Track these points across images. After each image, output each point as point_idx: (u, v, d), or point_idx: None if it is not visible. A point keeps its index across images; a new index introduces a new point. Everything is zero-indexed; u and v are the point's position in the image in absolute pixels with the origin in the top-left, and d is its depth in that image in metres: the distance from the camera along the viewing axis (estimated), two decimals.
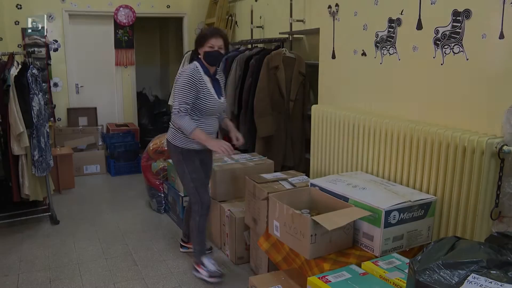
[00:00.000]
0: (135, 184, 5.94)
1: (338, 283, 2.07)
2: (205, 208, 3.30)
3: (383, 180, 2.98)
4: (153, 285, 3.33)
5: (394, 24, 3.14)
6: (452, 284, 1.46)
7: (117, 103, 7.35)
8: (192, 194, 3.29)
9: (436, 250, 1.65)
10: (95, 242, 4.09)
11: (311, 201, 2.96)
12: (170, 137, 3.27)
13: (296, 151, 4.58)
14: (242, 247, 3.62)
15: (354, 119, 3.34)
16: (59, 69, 6.75)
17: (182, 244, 3.84)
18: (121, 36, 7.13)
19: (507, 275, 1.44)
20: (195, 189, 3.25)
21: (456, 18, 2.67)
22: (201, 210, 3.29)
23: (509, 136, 2.34)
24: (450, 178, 2.61)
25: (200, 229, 3.32)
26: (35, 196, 4.33)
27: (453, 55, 2.72)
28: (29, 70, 4.10)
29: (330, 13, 3.80)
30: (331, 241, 2.52)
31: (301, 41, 4.91)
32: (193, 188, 3.26)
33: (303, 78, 4.47)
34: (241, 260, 3.63)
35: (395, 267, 2.19)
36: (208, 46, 3.14)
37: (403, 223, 2.52)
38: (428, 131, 2.73)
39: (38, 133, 4.16)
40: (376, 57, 3.34)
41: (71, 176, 5.70)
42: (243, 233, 3.58)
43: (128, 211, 4.90)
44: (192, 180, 3.24)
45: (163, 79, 9.61)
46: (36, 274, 3.48)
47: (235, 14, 6.52)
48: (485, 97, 2.56)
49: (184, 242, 3.83)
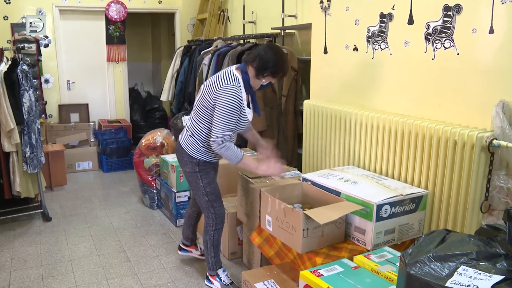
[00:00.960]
0: (127, 180, 5.93)
1: (330, 277, 2.08)
2: (220, 221, 3.10)
3: (375, 174, 2.99)
4: (146, 280, 3.33)
5: (385, 19, 3.15)
6: (442, 276, 1.47)
7: (109, 99, 7.32)
8: (206, 209, 3.06)
9: (427, 243, 1.66)
10: (87, 238, 4.08)
11: (303, 195, 2.97)
12: (187, 147, 2.95)
13: (288, 146, 4.58)
14: (235, 242, 3.63)
15: (346, 114, 3.35)
16: (50, 65, 6.70)
17: (182, 247, 3.63)
18: (112, 32, 7.09)
19: (496, 266, 1.45)
20: (209, 203, 3.04)
21: (447, 13, 2.68)
22: (216, 224, 3.08)
23: (499, 130, 2.36)
24: (441, 172, 2.63)
25: (215, 243, 3.12)
26: (26, 193, 4.31)
27: (444, 50, 2.74)
28: (19, 66, 4.07)
29: (322, 8, 3.80)
30: (323, 235, 2.53)
31: (293, 37, 4.91)
32: (207, 202, 3.03)
33: (295, 73, 4.48)
34: (234, 255, 3.64)
35: (386, 260, 2.21)
36: (269, 79, 2.84)
37: (395, 216, 2.54)
38: (419, 125, 2.74)
39: (29, 129, 4.14)
40: (368, 52, 3.34)
41: (63, 173, 5.68)
42: (236, 228, 3.59)
43: (120, 208, 4.89)
44: (207, 193, 3.01)
45: (155, 75, 9.58)
46: (28, 272, 3.47)
47: (227, 9, 6.51)
48: (475, 91, 2.58)
49: (185, 245, 3.62)
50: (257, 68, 2.76)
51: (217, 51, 5.07)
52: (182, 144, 3.00)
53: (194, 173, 2.98)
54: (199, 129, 2.90)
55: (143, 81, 9.41)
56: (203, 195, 3.02)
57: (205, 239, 3.13)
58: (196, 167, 2.96)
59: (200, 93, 2.92)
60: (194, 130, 2.94)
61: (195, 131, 2.93)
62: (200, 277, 3.36)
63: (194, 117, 2.95)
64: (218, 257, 3.19)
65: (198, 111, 2.90)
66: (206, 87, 2.86)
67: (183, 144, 2.99)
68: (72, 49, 6.90)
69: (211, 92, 2.80)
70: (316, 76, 3.99)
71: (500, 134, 2.36)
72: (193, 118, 2.96)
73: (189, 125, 2.99)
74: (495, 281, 1.38)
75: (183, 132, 3.06)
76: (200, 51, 5.53)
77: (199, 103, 2.89)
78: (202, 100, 2.87)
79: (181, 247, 3.62)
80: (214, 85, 2.80)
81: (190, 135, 2.97)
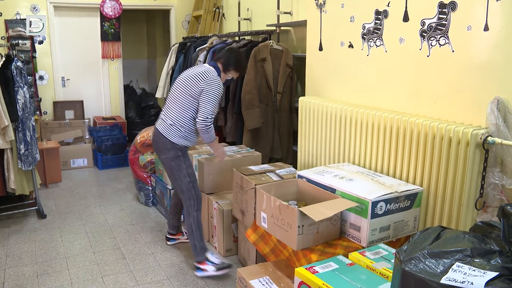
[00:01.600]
0: (122, 178, 5.92)
1: (325, 274, 2.09)
2: (200, 202, 3.35)
3: (370, 171, 2.99)
4: (141, 277, 3.32)
5: (381, 16, 3.15)
6: (437, 273, 1.48)
7: (104, 96, 7.29)
8: (187, 190, 3.29)
9: (421, 240, 1.67)
10: (82, 235, 4.07)
11: (299, 192, 2.97)
12: (169, 135, 3.22)
13: (283, 143, 4.58)
14: (230, 239, 3.63)
15: (341, 111, 3.35)
16: (45, 62, 6.67)
17: (169, 237, 3.85)
18: (107, 29, 7.06)
19: (490, 263, 1.46)
20: (191, 184, 3.29)
21: (442, 10, 2.68)
22: (197, 205, 3.32)
23: (494, 127, 2.37)
24: (436, 169, 2.64)
25: (198, 224, 3.32)
26: (21, 190, 4.29)
27: (439, 47, 2.74)
28: (13, 62, 4.04)
29: (317, 5, 3.79)
30: (318, 232, 2.54)
31: (289, 33, 4.91)
32: (189, 183, 3.28)
33: (290, 70, 4.47)
34: (229, 252, 3.64)
35: (381, 257, 2.21)
36: (237, 74, 3.43)
37: (390, 213, 2.54)
38: (414, 122, 2.75)
39: (23, 126, 4.12)
40: (363, 49, 3.34)
41: (58, 170, 5.66)
42: (231, 225, 3.59)
43: (115, 205, 4.88)
44: (188, 175, 3.28)
45: (150, 72, 9.55)
46: (23, 269, 3.46)
47: (222, 6, 6.49)
48: (470, 88, 2.59)
49: (171, 234, 3.84)
50: (224, 64, 3.33)
51: (212, 48, 5.06)
52: (163, 133, 3.26)
53: (177, 157, 3.26)
54: (183, 117, 3.23)
55: (138, 78, 9.38)
56: (185, 176, 3.28)
57: (189, 222, 3.32)
58: (179, 152, 3.27)
59: (179, 86, 3.27)
60: (175, 118, 3.24)
61: (178, 120, 3.23)
62: (217, 275, 3.35)
63: (175, 107, 3.26)
64: (203, 240, 3.36)
65: (181, 101, 3.23)
66: (187, 80, 3.24)
67: (165, 133, 3.25)
68: (67, 46, 6.87)
69: (196, 85, 3.19)
70: (311, 73, 3.99)
71: (495, 131, 2.37)
72: (174, 108, 3.26)
73: (168, 115, 3.28)
74: (489, 278, 1.39)
75: (161, 123, 3.32)
76: (195, 48, 5.51)
77: (183, 94, 3.23)
78: (185, 91, 3.22)
79: (169, 237, 3.84)
80: (197, 77, 3.21)
81: (170, 124, 3.25)
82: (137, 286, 3.22)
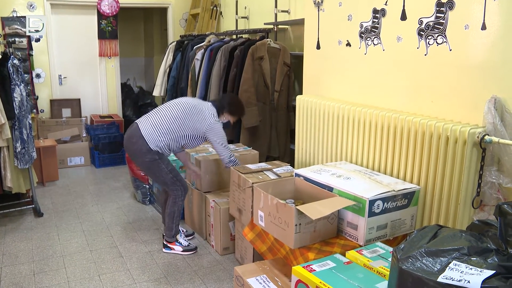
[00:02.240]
0: (119, 176, 5.91)
1: (322, 272, 2.09)
2: (186, 189, 3.61)
3: (367, 170, 3.00)
4: (138, 276, 3.32)
5: (378, 14, 3.15)
6: (434, 272, 1.48)
7: (101, 95, 7.28)
8: (172, 183, 3.50)
9: (419, 238, 1.67)
10: (79, 234, 4.06)
11: (296, 191, 2.97)
12: (150, 140, 3.36)
13: (281, 141, 4.58)
14: (227, 238, 3.63)
15: (339, 110, 3.35)
16: (42, 60, 6.65)
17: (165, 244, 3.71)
18: (104, 27, 7.04)
19: (487, 261, 1.46)
20: (174, 178, 3.50)
21: (440, 8, 2.68)
22: (184, 195, 3.59)
23: (491, 126, 2.38)
24: (433, 167, 2.64)
25: (179, 211, 3.61)
26: (18, 189, 4.28)
27: (436, 46, 2.74)
28: (10, 60, 4.03)
29: (315, 4, 3.79)
30: (316, 231, 2.54)
31: (286, 32, 4.91)
32: (172, 179, 3.49)
33: (288, 69, 4.47)
34: (226, 251, 3.64)
35: (379, 255, 2.21)
36: (234, 119, 3.63)
37: (387, 212, 2.55)
38: (411, 121, 2.75)
39: (20, 124, 4.11)
40: (361, 48, 3.34)
41: (55, 168, 5.64)
42: (228, 224, 3.58)
43: (112, 203, 4.87)
44: (170, 171, 3.47)
45: (147, 70, 9.53)
46: (20, 267, 3.45)
47: (220, 4, 6.48)
48: (467, 87, 2.59)
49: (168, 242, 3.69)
50: (218, 107, 3.51)
51: (209, 46, 5.06)
52: (145, 137, 3.36)
53: (154, 160, 3.40)
54: (175, 137, 3.40)
55: (136, 76, 9.36)
56: (167, 174, 3.46)
57: (173, 210, 3.58)
58: (156, 155, 3.40)
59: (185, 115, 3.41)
60: (165, 131, 3.38)
61: (166, 133, 3.38)
62: (193, 272, 3.36)
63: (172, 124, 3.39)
64: (179, 225, 3.69)
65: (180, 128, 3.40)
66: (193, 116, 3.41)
67: (147, 137, 3.36)
68: (64, 43, 6.85)
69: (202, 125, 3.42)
70: (308, 71, 3.99)
71: (492, 130, 2.37)
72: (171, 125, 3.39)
73: (161, 126, 3.39)
74: (486, 276, 1.39)
75: (147, 123, 3.40)
76: (193, 46, 5.51)
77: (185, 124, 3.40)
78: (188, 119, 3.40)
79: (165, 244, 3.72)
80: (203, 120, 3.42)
81: (159, 134, 3.37)
82: (134, 284, 3.21)
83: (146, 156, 3.38)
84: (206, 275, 3.32)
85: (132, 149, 3.43)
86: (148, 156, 3.37)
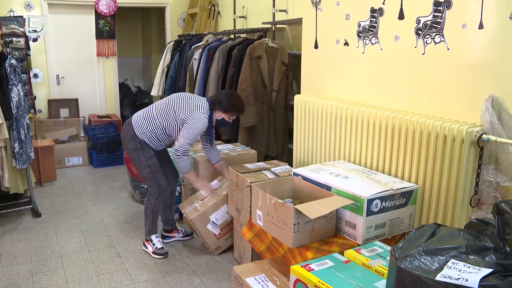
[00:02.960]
0: (117, 176, 5.90)
1: (321, 271, 2.09)
2: (162, 191, 3.54)
3: (365, 169, 3.00)
4: (136, 276, 3.32)
5: (376, 13, 3.15)
6: (432, 270, 1.48)
7: (99, 94, 7.27)
8: (149, 179, 3.50)
9: (417, 237, 1.67)
10: (77, 234, 4.06)
11: (294, 190, 2.97)
12: (137, 128, 3.40)
13: (279, 141, 4.58)
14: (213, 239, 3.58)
15: (337, 109, 3.35)
16: (39, 60, 6.64)
17: (164, 234, 3.89)
18: (102, 26, 7.03)
19: (485, 259, 1.47)
20: (151, 174, 3.47)
21: (437, 8, 2.68)
22: (158, 194, 3.54)
23: (488, 125, 2.38)
24: (431, 166, 2.64)
25: (154, 210, 3.59)
26: (15, 189, 4.27)
27: (434, 45, 2.74)
28: (7, 60, 4.02)
29: (312, 3, 3.79)
30: (314, 230, 2.54)
31: (284, 31, 4.91)
32: (149, 174, 3.47)
33: (286, 68, 4.47)
34: (219, 250, 3.64)
35: (377, 254, 2.22)
36: (230, 116, 3.44)
37: (385, 211, 2.55)
38: (409, 120, 2.75)
39: (18, 124, 4.10)
40: (359, 47, 3.35)
41: (53, 168, 5.64)
42: (207, 228, 3.54)
43: (111, 203, 4.87)
44: (148, 166, 3.45)
45: (145, 70, 9.53)
46: (18, 268, 3.44)
47: (217, 4, 6.48)
48: (465, 86, 2.59)
49: (167, 231, 3.89)
50: (211, 103, 3.41)
51: (207, 46, 5.06)
52: (133, 123, 3.43)
53: (136, 149, 3.42)
54: (158, 123, 3.39)
55: (133, 75, 9.36)
56: (145, 167, 3.45)
57: (146, 206, 3.59)
58: (138, 145, 3.41)
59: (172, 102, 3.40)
60: (152, 122, 3.40)
61: (153, 124, 3.40)
62: (191, 272, 3.36)
63: (158, 112, 3.41)
64: (155, 224, 3.65)
65: (165, 114, 3.39)
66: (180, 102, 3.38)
67: (135, 124, 3.42)
68: (62, 43, 6.84)
69: (184, 110, 3.33)
70: (306, 70, 3.99)
71: (490, 128, 2.38)
72: (156, 113, 3.41)
73: (148, 114, 3.43)
74: (484, 274, 1.40)
75: (140, 113, 3.48)
76: (191, 46, 5.50)
77: (170, 109, 3.38)
78: (173, 109, 3.37)
79: (164, 235, 3.88)
80: (188, 105, 3.34)
81: (145, 120, 3.41)
82: (133, 284, 3.21)
83: (130, 143, 3.42)
84: (205, 275, 3.32)
85: (122, 135, 3.52)
86: (132, 143, 3.41)
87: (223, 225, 3.57)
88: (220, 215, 3.55)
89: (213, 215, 3.53)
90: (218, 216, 3.55)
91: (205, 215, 3.50)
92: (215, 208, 3.53)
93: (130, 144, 3.42)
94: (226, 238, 3.64)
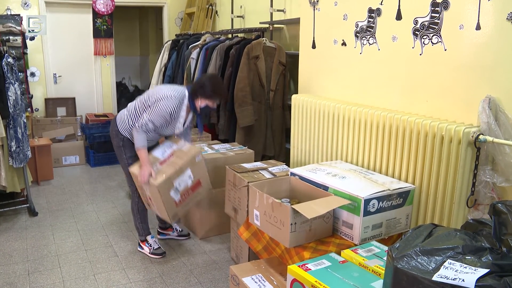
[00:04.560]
0: (114, 175, 5.89)
1: (318, 271, 2.09)
2: None
3: (363, 169, 3.00)
4: (133, 275, 3.31)
5: (374, 14, 3.16)
6: (429, 270, 1.48)
7: (96, 93, 7.25)
8: (129, 178, 3.50)
9: (414, 237, 1.68)
10: (74, 233, 4.05)
11: (291, 190, 2.98)
12: (120, 124, 3.39)
13: (276, 140, 4.59)
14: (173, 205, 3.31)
15: (334, 109, 3.36)
16: (36, 59, 6.62)
17: (160, 231, 3.94)
18: (99, 25, 7.02)
19: (481, 260, 1.47)
20: None
21: (435, 8, 2.69)
22: (137, 192, 3.52)
23: (485, 126, 2.39)
24: (428, 167, 2.65)
25: (140, 209, 3.59)
26: (12, 188, 4.26)
27: (431, 46, 2.75)
28: (4, 58, 4.01)
29: (310, 3, 3.79)
30: (311, 230, 2.54)
31: (282, 31, 4.91)
32: (129, 172, 3.44)
33: (283, 68, 4.47)
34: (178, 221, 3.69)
35: (374, 254, 2.22)
36: (213, 102, 3.25)
37: (382, 211, 2.55)
38: (406, 120, 2.76)
39: (14, 123, 4.09)
40: (356, 47, 3.35)
41: (50, 167, 5.62)
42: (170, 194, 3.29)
43: (108, 202, 4.86)
44: (128, 165, 3.42)
45: (143, 69, 9.51)
46: (14, 267, 3.44)
47: (215, 3, 6.48)
48: (462, 87, 2.60)
49: (162, 228, 3.93)
50: (190, 92, 3.26)
51: (205, 45, 5.05)
52: (117, 120, 3.43)
53: (119, 147, 3.44)
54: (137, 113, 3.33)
55: (131, 75, 9.35)
56: (125, 166, 3.45)
57: (132, 207, 3.61)
58: (121, 142, 3.41)
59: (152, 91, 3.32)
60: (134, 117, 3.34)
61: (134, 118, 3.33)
62: (188, 271, 3.36)
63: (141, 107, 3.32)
64: (145, 224, 3.65)
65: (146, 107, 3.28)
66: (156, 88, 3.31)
67: (119, 120, 3.41)
68: (59, 42, 6.82)
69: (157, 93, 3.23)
70: (304, 70, 4.00)
71: (486, 129, 2.38)
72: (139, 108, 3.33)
73: (133, 110, 3.37)
74: (480, 275, 1.40)
75: (124, 109, 3.46)
76: (188, 45, 5.50)
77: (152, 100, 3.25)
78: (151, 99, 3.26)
79: (159, 231, 3.93)
80: (161, 89, 3.27)
81: (127, 116, 3.37)
82: (130, 284, 3.21)
83: (114, 140, 3.45)
84: (202, 275, 3.32)
85: (110, 133, 3.51)
86: (116, 139, 3.43)
87: (183, 191, 3.35)
88: (183, 180, 3.32)
89: (176, 180, 3.28)
90: (181, 181, 3.31)
91: (170, 181, 3.23)
92: (179, 173, 3.27)
93: (114, 141, 3.45)
94: (183, 206, 3.42)
